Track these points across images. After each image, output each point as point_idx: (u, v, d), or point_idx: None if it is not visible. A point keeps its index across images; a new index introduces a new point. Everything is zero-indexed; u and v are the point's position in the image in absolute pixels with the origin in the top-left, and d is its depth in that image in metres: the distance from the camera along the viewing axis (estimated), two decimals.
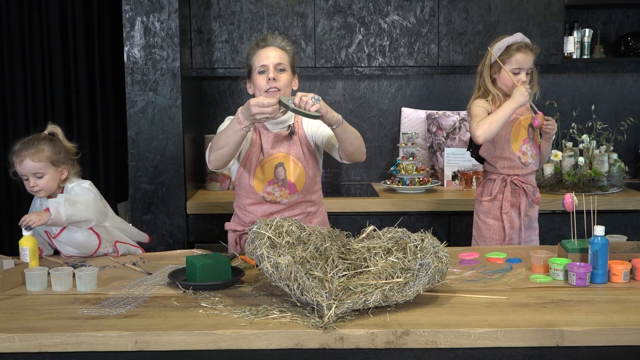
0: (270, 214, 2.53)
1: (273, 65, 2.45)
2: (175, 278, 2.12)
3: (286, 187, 2.52)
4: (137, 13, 3.30)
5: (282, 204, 2.55)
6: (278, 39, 2.51)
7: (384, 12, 3.62)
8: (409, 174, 3.63)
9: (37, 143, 2.41)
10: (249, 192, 2.56)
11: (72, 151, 2.51)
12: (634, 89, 4.06)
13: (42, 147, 2.41)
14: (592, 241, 2.09)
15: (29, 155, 2.38)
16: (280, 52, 2.49)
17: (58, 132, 2.50)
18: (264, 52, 2.48)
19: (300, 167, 2.53)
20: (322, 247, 1.92)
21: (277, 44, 2.50)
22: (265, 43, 2.50)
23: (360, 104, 4.02)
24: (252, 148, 2.53)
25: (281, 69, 2.47)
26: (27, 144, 2.42)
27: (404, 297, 1.83)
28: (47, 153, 2.40)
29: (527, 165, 2.86)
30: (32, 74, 3.79)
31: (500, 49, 2.82)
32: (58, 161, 2.42)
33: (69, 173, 2.46)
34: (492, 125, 2.71)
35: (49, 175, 2.41)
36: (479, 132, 2.72)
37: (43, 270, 2.12)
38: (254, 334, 1.72)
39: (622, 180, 3.60)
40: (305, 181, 2.54)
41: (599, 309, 1.86)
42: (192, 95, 3.69)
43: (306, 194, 2.57)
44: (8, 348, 1.72)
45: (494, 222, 2.87)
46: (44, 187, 2.42)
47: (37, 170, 2.39)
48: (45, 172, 2.40)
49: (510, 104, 2.73)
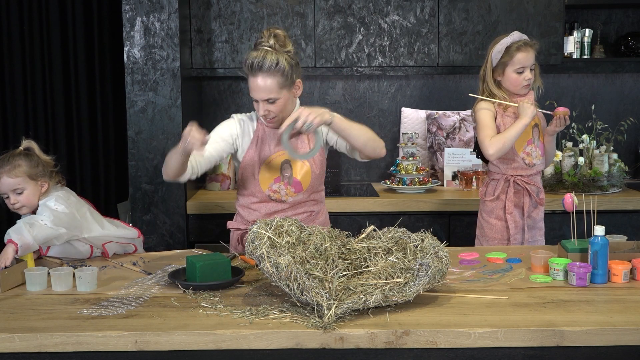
0: (273, 213, 2.52)
1: (262, 101, 2.39)
2: (175, 278, 2.12)
3: (292, 185, 2.52)
4: (137, 13, 3.30)
5: (287, 203, 2.54)
6: (267, 61, 2.34)
7: (384, 12, 3.62)
8: (409, 174, 3.63)
9: (12, 159, 2.36)
10: (255, 191, 2.55)
11: (49, 164, 2.45)
12: (634, 89, 4.06)
13: (18, 163, 2.35)
14: (592, 241, 2.09)
15: (5, 172, 2.34)
16: (269, 80, 2.35)
17: (34, 147, 2.44)
18: (253, 82, 2.38)
19: (307, 165, 2.53)
20: (322, 247, 1.92)
21: (266, 69, 2.34)
22: (253, 72, 2.36)
23: (360, 104, 4.02)
24: (255, 145, 2.53)
25: (271, 101, 2.39)
26: (2, 160, 2.37)
27: (404, 297, 1.83)
28: (24, 168, 2.35)
29: (532, 166, 2.86)
30: (32, 74, 3.79)
31: (499, 51, 2.81)
32: (36, 174, 2.37)
33: (49, 186, 2.41)
34: (505, 144, 2.73)
35: (29, 190, 2.36)
36: (492, 151, 2.74)
37: (43, 270, 2.12)
38: (254, 334, 1.72)
39: (622, 180, 3.60)
40: (312, 180, 2.54)
41: (599, 309, 1.86)
42: (192, 95, 3.69)
43: (311, 192, 2.57)
44: (8, 348, 1.72)
45: (496, 221, 2.87)
46: (26, 202, 2.37)
47: (16, 186, 2.35)
48: (24, 187, 2.35)
49: (521, 122, 2.74)
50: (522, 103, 2.78)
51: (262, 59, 2.34)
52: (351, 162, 4.05)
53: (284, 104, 2.42)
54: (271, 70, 2.35)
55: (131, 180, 3.38)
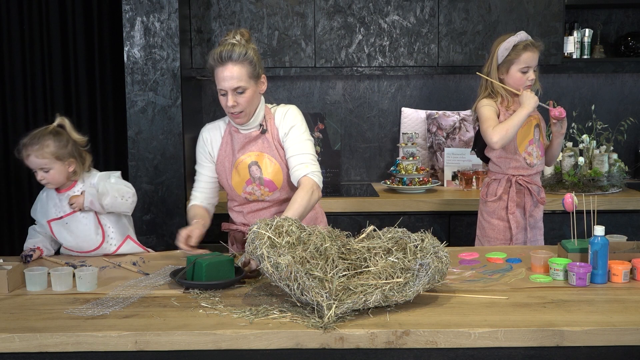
0: (258, 211, 2.56)
1: (231, 90, 2.38)
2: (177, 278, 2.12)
3: (264, 185, 2.52)
4: (137, 13, 3.30)
5: (267, 202, 2.56)
6: (235, 50, 2.35)
7: (384, 12, 3.62)
8: (409, 174, 3.63)
9: (42, 139, 2.44)
10: (233, 195, 2.59)
11: (81, 142, 2.53)
12: (634, 89, 4.05)
13: (47, 143, 2.43)
14: (592, 241, 2.09)
15: (33, 152, 2.42)
16: (238, 70, 2.35)
17: (66, 124, 2.51)
18: (221, 72, 2.37)
19: (276, 164, 2.51)
20: (322, 247, 1.92)
21: (235, 58, 2.35)
22: (222, 60, 2.36)
23: (360, 104, 4.02)
24: (224, 152, 2.55)
25: (240, 91, 2.38)
26: (32, 138, 2.45)
27: (404, 297, 1.83)
28: (51, 148, 2.43)
29: (533, 166, 2.86)
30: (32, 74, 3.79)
31: (507, 49, 2.82)
32: (63, 155, 2.45)
33: (78, 165, 2.50)
34: (508, 131, 2.73)
35: (55, 170, 2.45)
36: (495, 139, 2.73)
37: (43, 270, 2.12)
38: (254, 334, 1.72)
39: (622, 180, 3.60)
40: (284, 177, 2.53)
41: (599, 309, 1.86)
42: (192, 95, 3.69)
43: (289, 190, 2.56)
44: (8, 348, 1.72)
45: (498, 222, 2.87)
46: (51, 180, 2.47)
47: (43, 165, 2.44)
48: (51, 166, 2.44)
49: (523, 111, 2.75)
50: (525, 92, 2.79)
51: (231, 50, 2.36)
52: (351, 162, 4.05)
53: (251, 97, 2.42)
54: (240, 59, 2.36)
55: (131, 180, 3.38)
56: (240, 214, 2.61)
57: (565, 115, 2.86)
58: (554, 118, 2.85)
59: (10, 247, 3.78)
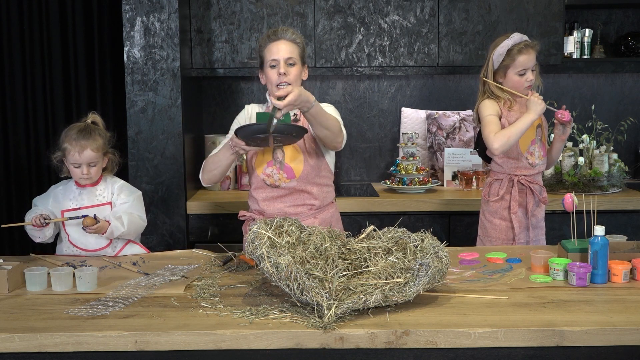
0: (272, 199, 2.58)
1: (284, 59, 2.51)
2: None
3: (284, 171, 2.56)
4: (137, 13, 3.30)
5: (282, 189, 2.58)
6: (289, 32, 2.55)
7: (384, 12, 3.62)
8: (409, 174, 3.63)
9: (93, 133, 2.46)
10: (252, 176, 2.63)
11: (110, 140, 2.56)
12: (634, 89, 4.06)
13: (97, 137, 2.46)
14: (592, 241, 2.09)
15: (89, 145, 2.43)
16: (290, 46, 2.53)
17: (98, 121, 2.54)
18: (275, 46, 2.53)
19: (300, 154, 2.57)
20: (322, 247, 1.92)
21: (288, 37, 2.54)
22: (277, 36, 2.54)
23: (360, 104, 4.02)
24: None
25: (291, 63, 2.53)
26: (84, 133, 2.45)
27: (404, 297, 1.83)
28: (100, 143, 2.47)
29: (534, 166, 2.86)
30: (32, 74, 3.79)
31: (501, 54, 2.79)
32: (106, 150, 2.49)
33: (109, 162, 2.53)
34: (510, 138, 2.71)
35: (99, 165, 2.49)
36: (496, 145, 2.71)
37: (43, 270, 2.13)
38: (254, 334, 1.72)
39: (622, 180, 3.60)
40: (304, 169, 2.57)
41: (599, 309, 1.86)
42: (192, 95, 3.69)
43: (306, 183, 2.58)
44: (8, 348, 1.72)
45: (500, 222, 2.87)
46: (94, 175, 2.49)
47: (93, 159, 2.45)
48: (97, 161, 2.47)
49: (529, 116, 2.72)
50: (532, 97, 2.76)
51: (286, 30, 2.56)
52: (351, 162, 4.05)
53: (298, 74, 2.55)
54: (293, 39, 2.56)
55: (131, 180, 3.38)
56: (255, 202, 2.63)
57: (570, 120, 2.83)
58: (556, 119, 2.83)
59: (10, 247, 3.78)
